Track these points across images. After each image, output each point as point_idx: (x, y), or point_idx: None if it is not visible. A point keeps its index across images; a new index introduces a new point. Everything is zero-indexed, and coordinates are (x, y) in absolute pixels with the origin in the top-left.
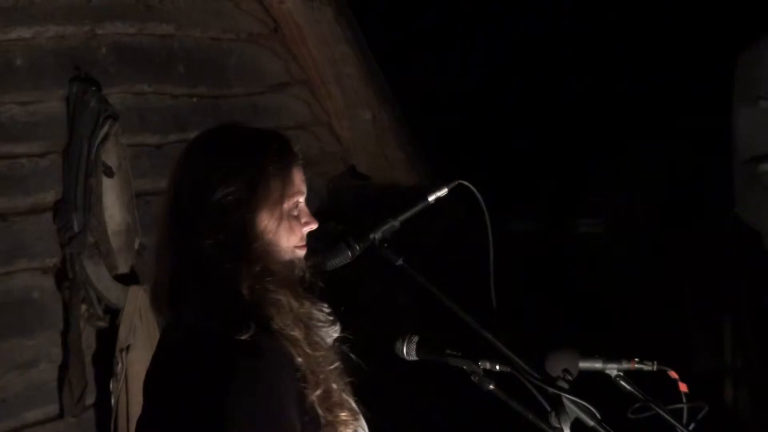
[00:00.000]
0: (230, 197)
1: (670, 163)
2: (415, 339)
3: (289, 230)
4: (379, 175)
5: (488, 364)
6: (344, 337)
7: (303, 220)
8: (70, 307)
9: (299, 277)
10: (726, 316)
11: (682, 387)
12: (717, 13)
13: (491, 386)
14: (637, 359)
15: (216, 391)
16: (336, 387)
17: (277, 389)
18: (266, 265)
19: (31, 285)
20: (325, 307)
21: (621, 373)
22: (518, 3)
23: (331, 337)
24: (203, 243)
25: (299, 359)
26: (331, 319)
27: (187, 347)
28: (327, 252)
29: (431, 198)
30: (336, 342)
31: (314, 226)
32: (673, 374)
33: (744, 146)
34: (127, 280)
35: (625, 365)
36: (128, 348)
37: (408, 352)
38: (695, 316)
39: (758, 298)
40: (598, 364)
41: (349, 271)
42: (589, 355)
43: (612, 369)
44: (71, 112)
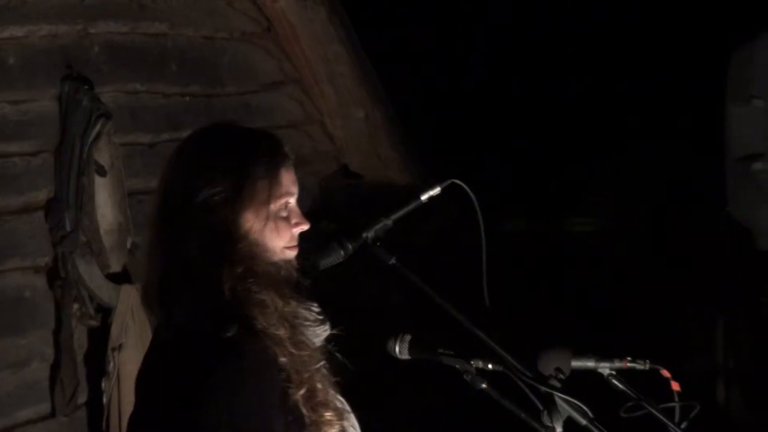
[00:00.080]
0: (216, 197)
1: (666, 163)
2: (408, 338)
3: (276, 231)
4: (371, 174)
5: (481, 363)
6: (335, 335)
7: (293, 221)
8: (62, 306)
9: (286, 277)
10: (718, 315)
11: (675, 386)
12: (717, 12)
13: (484, 385)
14: (629, 358)
15: (199, 390)
16: (321, 386)
17: (259, 389)
18: (250, 266)
19: (23, 284)
20: (314, 307)
21: (613, 372)
22: (518, 3)
23: (319, 336)
24: (190, 243)
25: (283, 359)
26: (321, 318)
27: (176, 347)
28: (319, 251)
29: (424, 197)
30: (325, 341)
31: (305, 227)
32: (666, 373)
33: (736, 145)
34: (120, 279)
35: (617, 364)
36: (120, 347)
37: (400, 351)
38: (693, 315)
39: (751, 297)
40: (590, 363)
41: (341, 271)
42: (582, 354)
43: (604, 368)
44: (63, 110)
